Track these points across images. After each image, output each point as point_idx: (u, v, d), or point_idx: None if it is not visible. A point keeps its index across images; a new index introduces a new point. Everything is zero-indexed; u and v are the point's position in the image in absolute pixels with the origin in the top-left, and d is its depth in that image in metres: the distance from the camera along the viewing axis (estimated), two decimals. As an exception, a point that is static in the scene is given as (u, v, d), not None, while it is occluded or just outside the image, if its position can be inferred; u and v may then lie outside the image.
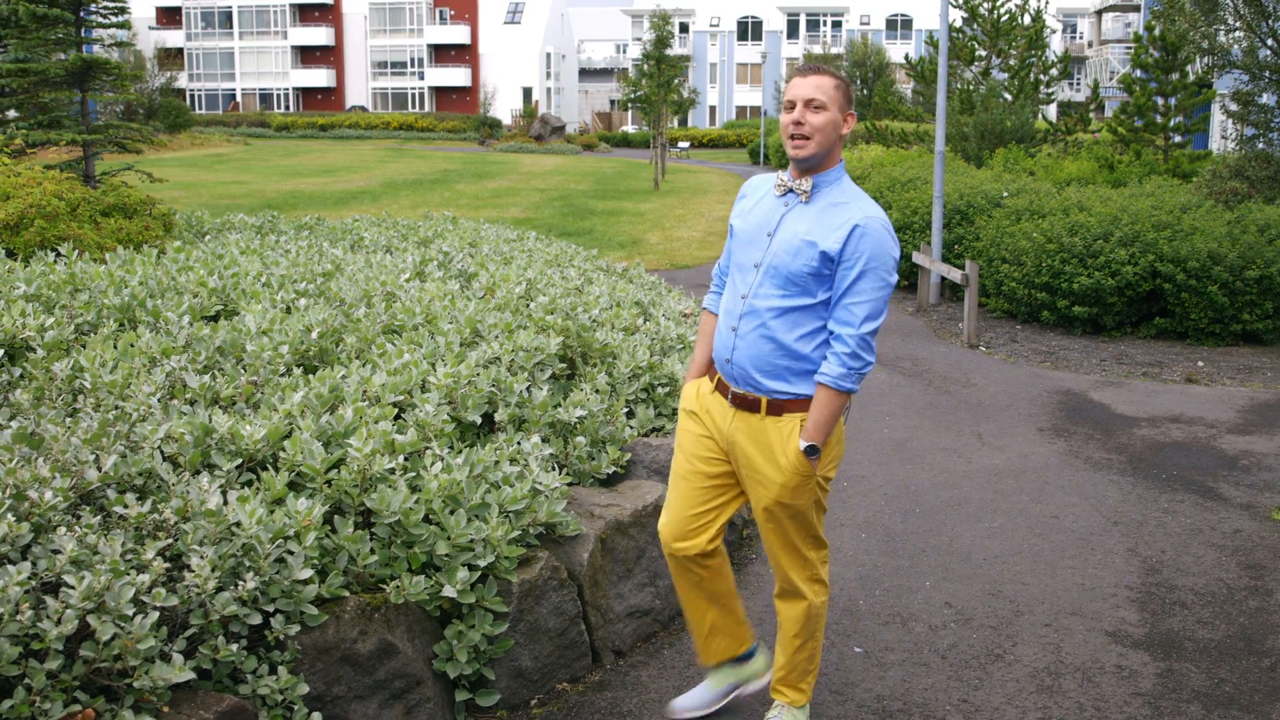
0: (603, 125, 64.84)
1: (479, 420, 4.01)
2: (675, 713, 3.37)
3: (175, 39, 65.39)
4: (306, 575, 2.88)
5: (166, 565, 2.71)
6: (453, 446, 3.77)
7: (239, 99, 66.00)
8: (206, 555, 2.75)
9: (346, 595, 3.07)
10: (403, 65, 65.12)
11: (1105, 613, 4.19)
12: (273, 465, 3.37)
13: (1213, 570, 4.60)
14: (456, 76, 64.32)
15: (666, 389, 5.04)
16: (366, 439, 3.30)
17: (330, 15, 65.74)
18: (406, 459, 3.53)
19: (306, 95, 66.15)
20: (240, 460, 3.32)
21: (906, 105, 25.13)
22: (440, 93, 65.18)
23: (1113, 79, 37.67)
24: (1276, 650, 3.91)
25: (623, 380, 4.86)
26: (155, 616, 2.56)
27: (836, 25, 65.34)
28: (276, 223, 9.15)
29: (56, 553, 2.65)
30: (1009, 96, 18.45)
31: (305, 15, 65.91)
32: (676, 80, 30.11)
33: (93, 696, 2.54)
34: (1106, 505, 5.37)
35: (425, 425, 3.64)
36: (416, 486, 3.39)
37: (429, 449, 3.55)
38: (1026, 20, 19.48)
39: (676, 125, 55.10)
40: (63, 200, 7.25)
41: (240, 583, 2.79)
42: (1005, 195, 11.98)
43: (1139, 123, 15.95)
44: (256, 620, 2.80)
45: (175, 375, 3.85)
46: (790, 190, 3.00)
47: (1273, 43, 11.58)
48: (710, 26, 67.13)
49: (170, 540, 2.85)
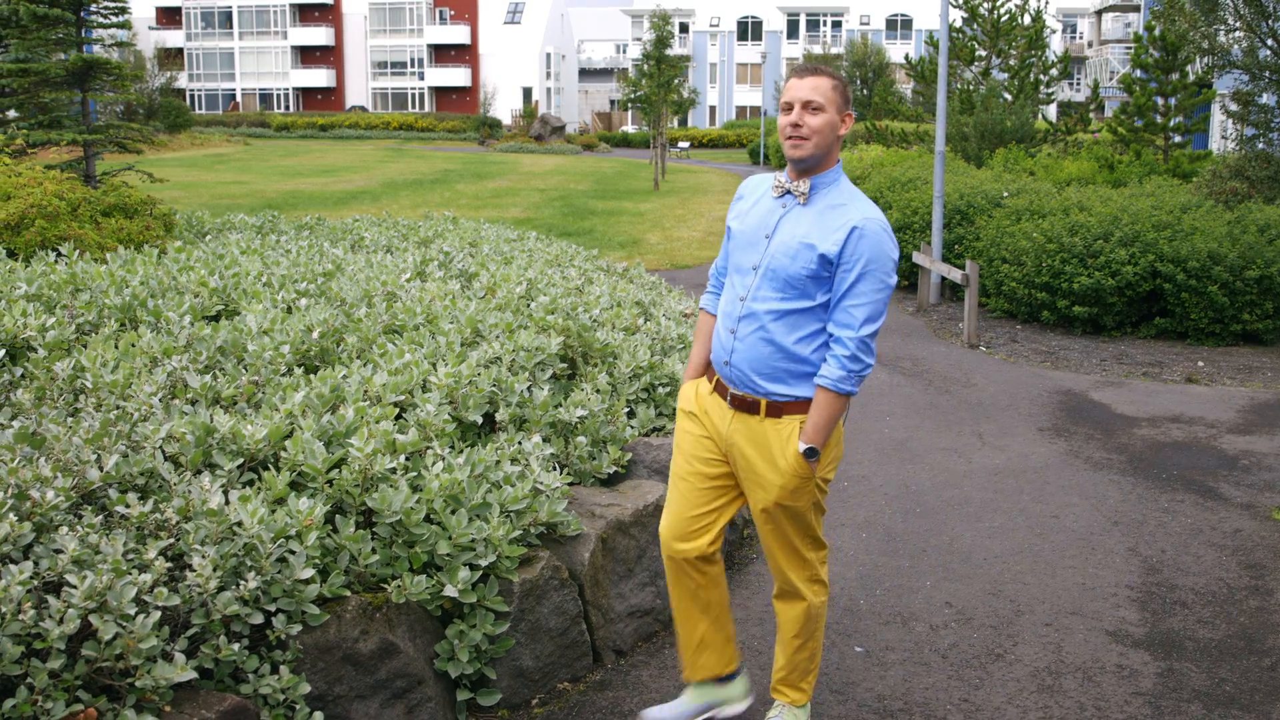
0: (603, 125, 64.84)
1: (480, 420, 4.01)
2: None
3: (175, 39, 65.42)
4: (308, 575, 2.88)
5: (168, 565, 2.71)
6: (454, 446, 3.77)
7: (239, 99, 66.01)
8: (208, 555, 2.75)
9: (348, 595, 3.07)
10: (403, 65, 65.13)
11: (1106, 612, 4.19)
12: (274, 465, 3.37)
13: (1213, 570, 4.61)
14: (456, 76, 64.33)
15: (667, 389, 5.04)
16: (368, 439, 3.30)
17: (330, 15, 65.75)
18: (408, 459, 3.54)
19: (306, 95, 66.17)
20: (242, 460, 3.32)
21: (906, 105, 25.13)
22: (440, 93, 65.19)
23: (1113, 79, 37.66)
24: (1277, 650, 3.91)
25: (623, 380, 4.87)
26: (157, 616, 2.56)
27: (836, 25, 65.34)
28: (277, 223, 9.16)
29: (58, 552, 2.65)
30: (1009, 96, 18.45)
31: (305, 15, 65.93)
32: (676, 80, 30.12)
33: (95, 696, 2.55)
34: (1107, 505, 5.38)
35: (426, 425, 3.64)
36: (418, 486, 3.39)
37: (430, 449, 3.55)
38: (1026, 20, 19.49)
39: (676, 125, 55.10)
40: (63, 200, 7.25)
41: (242, 582, 2.79)
42: (1005, 195, 11.98)
43: (1139, 123, 15.96)
44: (258, 620, 2.81)
45: (176, 375, 3.85)
46: (788, 192, 2.98)
47: (1273, 43, 11.58)
48: (710, 26, 67.14)
49: (172, 540, 2.86)
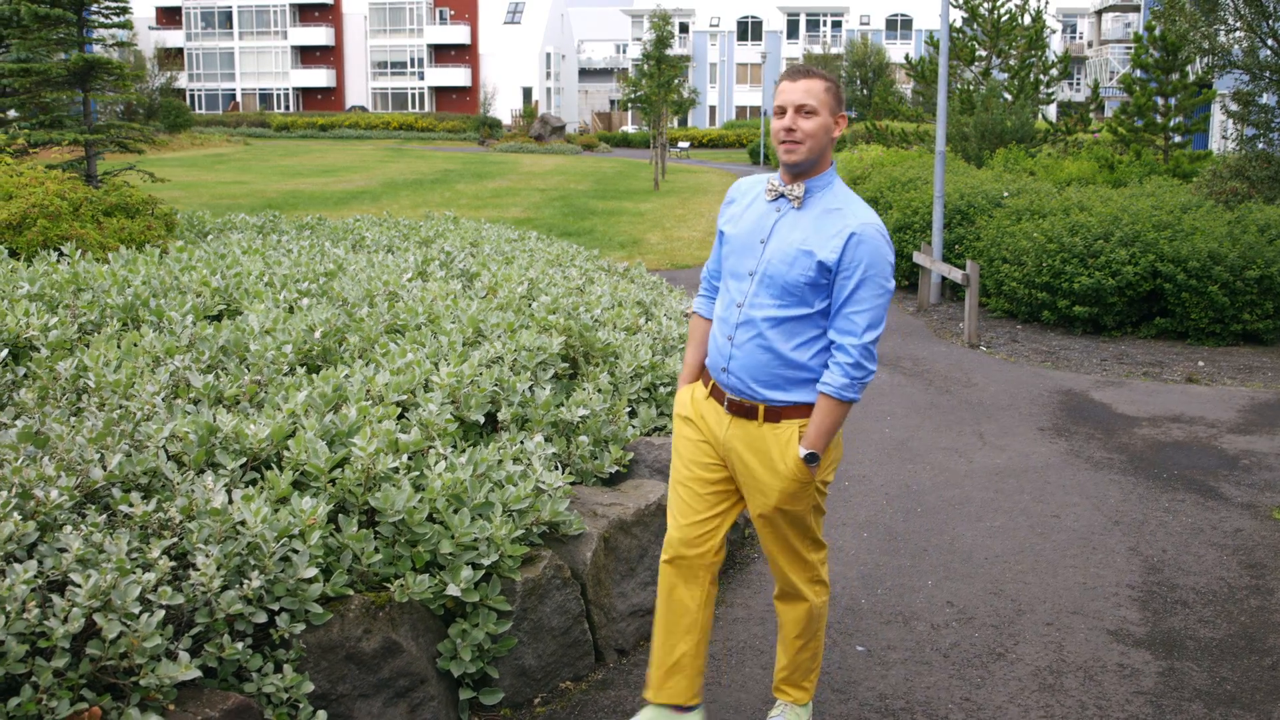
0: (603, 125, 64.83)
1: (482, 419, 4.02)
2: None
3: (175, 39, 65.38)
4: (311, 574, 2.89)
5: (172, 564, 2.72)
6: (456, 445, 3.77)
7: (239, 99, 66.00)
8: (212, 554, 2.75)
9: (351, 594, 3.08)
10: (403, 65, 65.10)
11: (1107, 612, 4.20)
12: (277, 464, 3.38)
13: (1214, 569, 4.61)
14: (456, 76, 64.30)
15: (668, 388, 5.05)
16: (370, 438, 3.30)
17: (330, 15, 65.73)
18: (410, 458, 3.55)
19: (306, 95, 66.15)
20: (245, 459, 3.33)
21: (906, 105, 25.14)
22: (440, 93, 65.17)
23: (1113, 79, 37.67)
24: (1278, 649, 3.91)
25: (625, 380, 4.87)
26: (161, 615, 2.57)
27: (836, 25, 65.32)
28: (278, 222, 9.17)
29: (63, 551, 2.66)
30: (1009, 96, 18.46)
31: (305, 15, 65.91)
32: (676, 80, 30.13)
33: (99, 694, 2.55)
34: (1108, 505, 5.38)
35: (429, 424, 3.64)
36: (420, 485, 3.39)
37: (432, 448, 3.56)
38: (1026, 20, 19.50)
39: (676, 125, 55.10)
40: (65, 200, 7.26)
41: (245, 581, 2.80)
42: (1006, 195, 11.98)
43: (1139, 123, 15.97)
44: (262, 619, 2.81)
45: (179, 374, 3.86)
46: (781, 195, 2.95)
47: (1273, 43, 11.59)
48: (710, 26, 67.13)
49: (176, 539, 2.86)
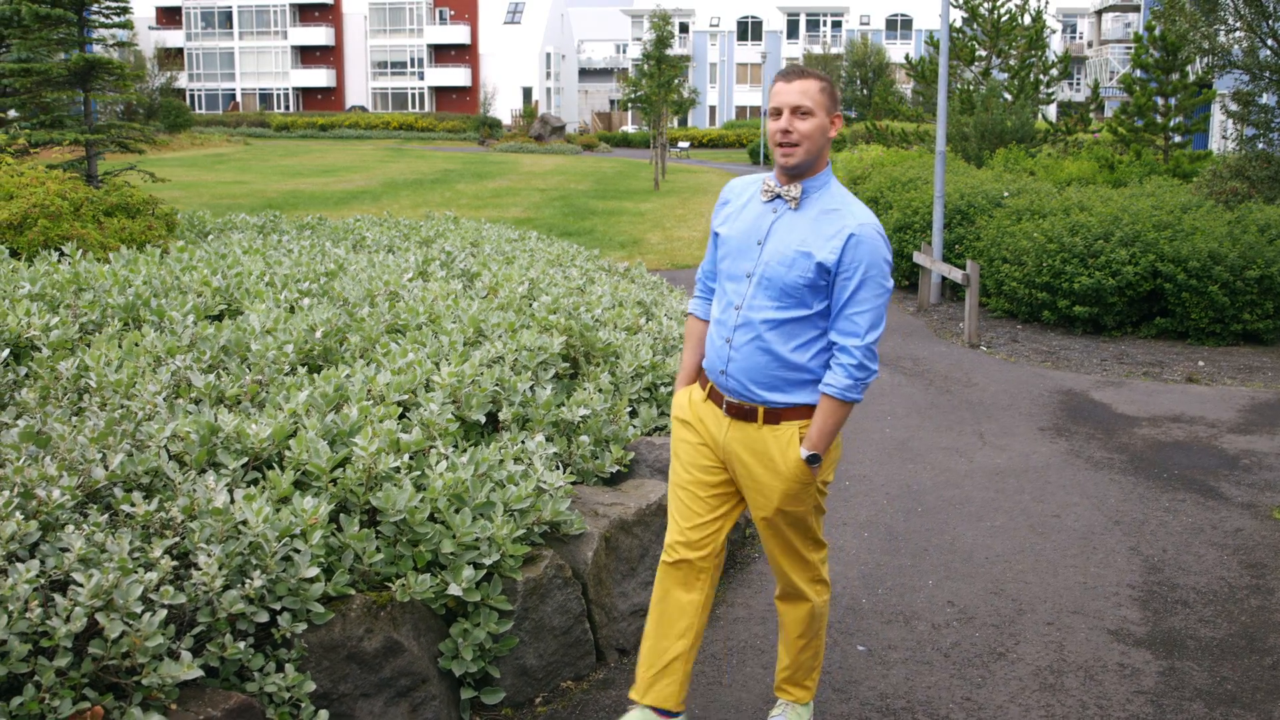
0: (603, 125, 64.83)
1: (483, 419, 4.02)
2: None
3: (175, 39, 65.37)
4: (313, 573, 2.89)
5: (174, 563, 2.72)
6: (457, 445, 3.78)
7: (239, 99, 65.99)
8: (213, 553, 2.76)
9: (352, 593, 3.08)
10: (403, 65, 65.10)
11: (1107, 611, 4.20)
12: (278, 464, 3.38)
13: (1214, 569, 4.62)
14: (456, 76, 64.30)
15: (669, 388, 5.05)
16: (371, 438, 3.31)
17: (330, 15, 65.73)
18: (411, 458, 3.55)
19: (306, 95, 66.15)
20: (246, 459, 3.33)
21: (906, 105, 25.13)
22: (440, 93, 65.17)
23: (1113, 79, 37.67)
24: (1278, 648, 3.92)
25: (625, 379, 4.88)
26: (163, 614, 2.57)
27: (836, 25, 65.32)
28: (278, 222, 9.17)
29: (65, 551, 2.66)
30: (1009, 96, 18.46)
31: (305, 15, 65.90)
32: (676, 80, 30.13)
33: (101, 694, 2.56)
34: (1108, 504, 5.38)
35: (430, 424, 3.65)
36: (421, 485, 3.40)
37: (434, 448, 3.56)
38: (1026, 20, 19.50)
39: (676, 125, 55.09)
40: (66, 200, 7.26)
41: (247, 581, 2.80)
42: (1006, 195, 11.99)
43: (1139, 123, 15.97)
44: (264, 618, 2.82)
45: (180, 374, 3.86)
46: (778, 196, 2.94)
47: (1273, 43, 11.59)
48: (710, 26, 67.12)
49: (177, 538, 2.87)
